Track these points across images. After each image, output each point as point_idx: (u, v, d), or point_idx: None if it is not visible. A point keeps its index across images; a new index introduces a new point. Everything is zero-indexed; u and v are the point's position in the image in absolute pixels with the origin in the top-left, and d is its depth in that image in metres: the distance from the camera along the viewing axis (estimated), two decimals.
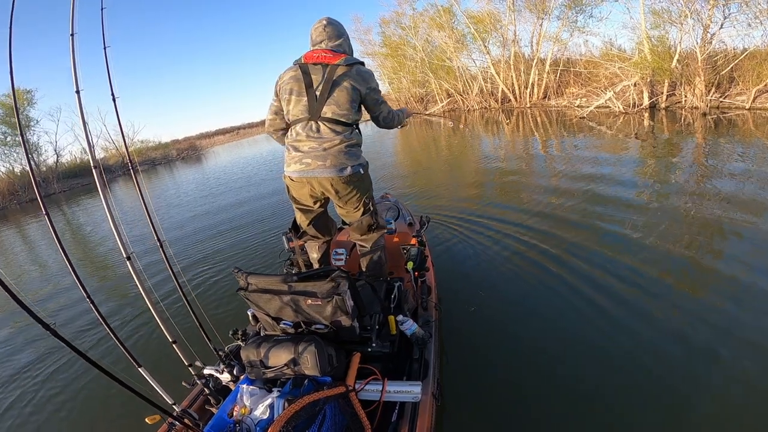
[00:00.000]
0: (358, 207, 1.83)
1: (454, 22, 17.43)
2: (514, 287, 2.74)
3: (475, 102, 18.60)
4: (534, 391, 1.84)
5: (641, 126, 8.26)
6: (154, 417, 1.24)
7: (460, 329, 2.34)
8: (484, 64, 17.61)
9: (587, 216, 3.74)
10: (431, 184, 6.25)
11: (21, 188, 17.67)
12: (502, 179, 5.75)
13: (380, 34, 22.04)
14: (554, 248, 3.17)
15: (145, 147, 27.32)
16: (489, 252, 3.32)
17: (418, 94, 22.74)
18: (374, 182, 1.93)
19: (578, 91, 13.47)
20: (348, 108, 1.68)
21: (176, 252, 4.66)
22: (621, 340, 2.07)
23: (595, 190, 4.44)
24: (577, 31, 14.07)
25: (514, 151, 7.84)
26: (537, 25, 14.99)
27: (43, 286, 4.66)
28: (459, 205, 4.71)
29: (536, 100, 15.44)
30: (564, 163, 6.16)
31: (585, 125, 9.35)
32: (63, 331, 1.02)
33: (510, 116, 13.76)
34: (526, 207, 4.27)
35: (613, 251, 2.97)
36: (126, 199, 11.60)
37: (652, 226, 3.29)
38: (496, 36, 16.49)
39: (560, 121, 10.84)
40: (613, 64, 11.29)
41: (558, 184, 4.96)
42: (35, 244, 8.03)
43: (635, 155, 5.92)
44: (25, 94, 20.33)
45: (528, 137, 9.40)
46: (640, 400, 1.71)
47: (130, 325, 3.04)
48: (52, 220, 1.33)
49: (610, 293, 2.47)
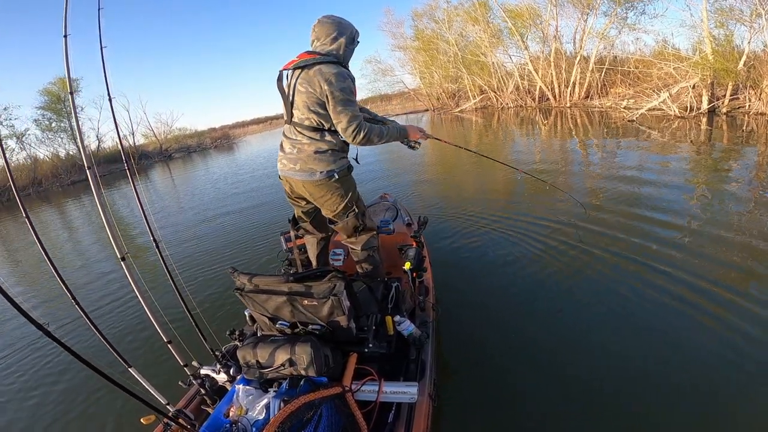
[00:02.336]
0: (338, 209, 1.82)
1: (490, 16, 16.67)
2: (515, 289, 2.73)
3: (509, 99, 17.65)
4: (531, 393, 1.84)
5: (698, 132, 7.39)
6: (149, 417, 1.24)
7: (458, 330, 2.34)
8: (521, 61, 16.71)
9: (615, 223, 3.52)
10: (452, 181, 6.15)
11: (63, 171, 19.12)
12: (529, 180, 5.30)
13: (412, 27, 21.58)
14: (564, 251, 3.16)
15: (182, 135, 28.62)
16: (490, 252, 3.32)
17: (450, 89, 22.03)
18: (394, 176, 1.91)
19: (625, 91, 12.39)
20: (308, 112, 1.65)
21: (177, 251, 4.65)
22: (621, 342, 2.07)
23: (634, 195, 4.14)
24: (626, 28, 12.96)
25: (549, 152, 7.29)
26: (581, 21, 14.08)
27: (43, 284, 4.64)
28: (470, 203, 4.69)
29: (577, 100, 14.39)
30: (603, 167, 5.67)
31: (633, 129, 8.36)
32: (59, 332, 1.02)
33: (547, 116, 12.93)
34: (544, 208, 4.13)
35: (633, 262, 2.80)
36: (158, 185, 12.08)
37: (687, 236, 3.02)
38: (535, 31, 15.53)
39: (604, 123, 9.83)
40: (668, 64, 10.27)
41: (593, 186, 4.71)
42: (57, 233, 8.02)
43: (687, 163, 5.30)
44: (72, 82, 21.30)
45: (565, 138, 8.71)
46: (640, 402, 1.71)
47: (131, 325, 3.03)
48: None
49: (610, 298, 2.47)
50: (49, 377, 2.54)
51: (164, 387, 1.53)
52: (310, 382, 1.33)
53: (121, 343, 2.70)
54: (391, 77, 25.37)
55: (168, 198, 9.97)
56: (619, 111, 10.87)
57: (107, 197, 10.94)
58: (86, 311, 1.39)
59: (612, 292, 2.50)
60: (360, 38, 1.79)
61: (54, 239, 7.05)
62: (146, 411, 1.26)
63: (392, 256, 2.35)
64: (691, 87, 9.42)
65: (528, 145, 8.48)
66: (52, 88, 21.12)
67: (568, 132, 9.63)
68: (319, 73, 1.58)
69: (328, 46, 1.67)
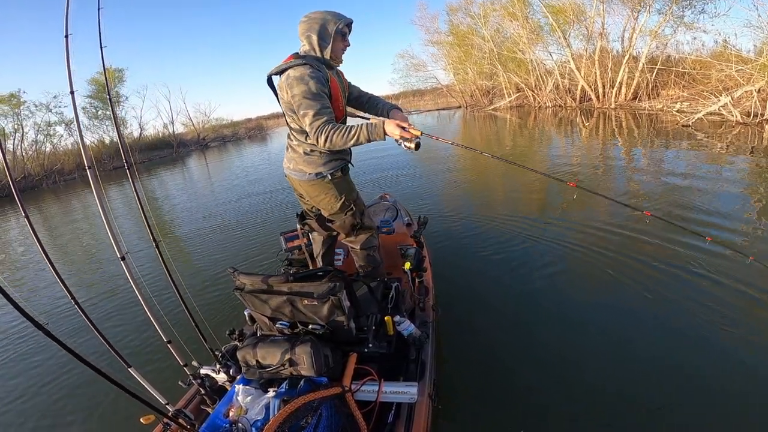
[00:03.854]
0: (334, 209, 1.85)
1: (529, 12, 15.91)
2: (515, 289, 2.73)
3: (548, 99, 16.87)
4: (531, 392, 1.84)
5: (760, 140, 6.53)
6: (148, 417, 1.23)
7: (458, 330, 2.34)
8: (562, 58, 15.83)
9: (615, 219, 3.47)
10: (453, 181, 6.12)
11: (107, 157, 19.88)
12: (532, 180, 5.13)
13: (447, 22, 21.11)
14: (568, 252, 3.16)
15: (219, 124, 30.04)
16: (491, 252, 3.32)
17: (484, 86, 21.53)
18: (394, 175, 1.89)
19: (679, 93, 11.43)
20: (290, 116, 1.70)
21: (176, 252, 4.65)
22: (620, 345, 2.07)
23: (677, 204, 3.82)
24: (682, 26, 12.03)
25: (589, 155, 6.80)
26: (631, 19, 13.06)
27: (43, 283, 4.63)
28: (470, 203, 4.70)
29: (623, 101, 13.50)
30: (648, 173, 5.22)
31: (686, 134, 7.59)
32: (59, 331, 1.02)
33: (589, 117, 12.23)
34: (551, 208, 4.09)
35: (652, 268, 2.68)
36: (194, 172, 12.65)
37: None
38: (578, 28, 14.61)
39: (653, 127, 8.92)
40: (730, 66, 9.42)
41: (631, 190, 4.47)
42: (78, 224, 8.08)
43: (743, 174, 4.74)
44: (117, 72, 22.89)
45: (608, 141, 8.04)
46: (640, 404, 1.71)
47: (131, 325, 3.03)
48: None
49: (615, 301, 2.47)
50: (49, 377, 2.53)
51: (164, 387, 1.52)
52: (310, 382, 1.33)
53: (120, 343, 2.70)
54: (423, 72, 25.08)
55: (201, 184, 10.48)
56: (671, 114, 10.01)
57: (143, 185, 11.29)
58: (86, 311, 1.38)
59: (618, 295, 2.50)
60: (344, 25, 1.67)
61: (62, 232, 7.04)
62: (146, 411, 1.25)
63: (392, 256, 2.35)
64: (755, 91, 8.46)
65: (565, 146, 8.15)
66: (100, 78, 22.29)
67: (611, 134, 9.01)
68: (285, 79, 1.61)
69: (306, 47, 1.68)
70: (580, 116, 12.71)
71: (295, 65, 1.60)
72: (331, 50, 1.66)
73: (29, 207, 11.15)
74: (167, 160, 19.99)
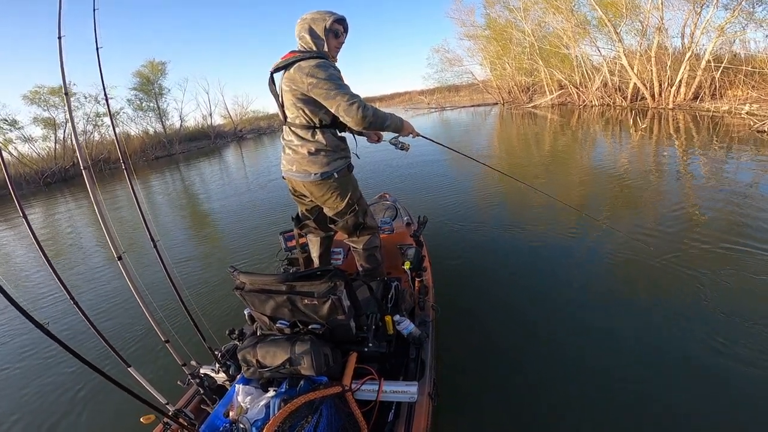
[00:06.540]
0: (339, 208, 1.84)
1: (574, 5, 14.71)
2: (515, 289, 2.73)
3: (594, 97, 15.56)
4: (531, 392, 1.84)
5: None
6: (148, 417, 1.23)
7: (458, 329, 2.34)
8: (611, 54, 14.42)
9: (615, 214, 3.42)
10: (453, 181, 6.06)
11: (150, 147, 20.85)
12: (602, 188, 4.72)
13: (484, 15, 20.31)
14: (566, 251, 3.15)
15: (255, 117, 31.40)
16: (491, 252, 3.32)
17: (523, 83, 20.44)
18: (394, 175, 1.86)
19: (748, 94, 10.49)
20: (296, 110, 1.67)
21: (177, 251, 4.64)
22: (621, 345, 2.08)
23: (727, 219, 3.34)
24: (753, 23, 10.80)
25: (639, 160, 6.20)
26: (693, 14, 11.89)
27: (43, 283, 4.62)
28: (470, 203, 4.69)
29: (682, 101, 12.31)
30: (707, 179, 4.67)
31: (757, 140, 6.44)
32: (59, 330, 1.02)
33: (642, 117, 11.25)
34: (550, 209, 4.05)
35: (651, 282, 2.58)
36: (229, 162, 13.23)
37: None
38: (630, 22, 13.37)
39: (717, 131, 7.84)
40: None
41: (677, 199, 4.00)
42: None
43: None
44: (159, 65, 23.81)
45: (662, 145, 7.13)
46: (642, 404, 1.71)
47: (131, 324, 3.02)
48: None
49: (616, 306, 2.47)
50: (49, 377, 2.53)
51: (164, 387, 1.52)
52: (310, 382, 1.33)
53: (120, 343, 2.70)
54: (459, 67, 24.33)
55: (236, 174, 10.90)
56: (738, 117, 9.01)
57: (182, 174, 11.99)
58: (85, 311, 1.38)
59: (620, 297, 2.50)
60: (333, 21, 1.66)
61: (67, 229, 7.03)
62: (146, 410, 1.25)
63: (392, 255, 2.35)
64: None
65: (612, 148, 7.44)
66: (143, 71, 23.39)
67: (667, 138, 7.84)
68: (298, 70, 1.59)
69: (305, 46, 1.69)
70: (631, 116, 11.72)
71: (307, 57, 1.60)
72: (331, 50, 1.71)
73: (74, 194, 11.68)
74: (206, 150, 20.95)
